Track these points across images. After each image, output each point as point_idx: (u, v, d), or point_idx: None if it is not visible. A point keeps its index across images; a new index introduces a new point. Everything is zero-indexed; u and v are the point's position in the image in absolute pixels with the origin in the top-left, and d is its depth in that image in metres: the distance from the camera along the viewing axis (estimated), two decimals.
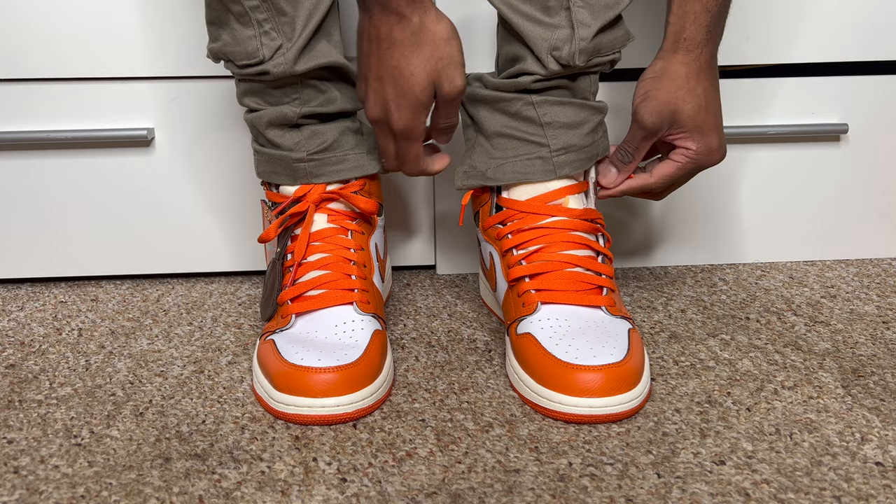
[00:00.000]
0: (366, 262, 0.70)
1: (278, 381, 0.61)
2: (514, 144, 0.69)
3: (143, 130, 0.82)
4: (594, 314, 0.66)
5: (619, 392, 0.60)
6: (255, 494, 0.54)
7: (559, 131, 0.68)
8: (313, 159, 0.68)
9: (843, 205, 0.90)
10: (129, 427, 0.62)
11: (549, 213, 0.69)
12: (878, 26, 0.85)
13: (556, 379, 0.60)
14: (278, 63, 0.64)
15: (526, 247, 0.69)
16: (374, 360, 0.63)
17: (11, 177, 0.84)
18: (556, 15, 0.65)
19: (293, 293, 0.67)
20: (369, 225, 0.72)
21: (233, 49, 0.65)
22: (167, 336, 0.77)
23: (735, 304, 0.81)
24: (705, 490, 0.53)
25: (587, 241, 0.69)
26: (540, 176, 0.69)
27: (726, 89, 0.86)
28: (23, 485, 0.55)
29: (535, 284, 0.67)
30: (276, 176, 0.70)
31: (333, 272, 0.68)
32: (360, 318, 0.66)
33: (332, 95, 0.68)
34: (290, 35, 0.64)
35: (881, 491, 0.53)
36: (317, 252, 0.68)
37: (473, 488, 0.54)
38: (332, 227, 0.69)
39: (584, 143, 0.69)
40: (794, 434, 0.59)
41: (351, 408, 0.61)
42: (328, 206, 0.70)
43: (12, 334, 0.78)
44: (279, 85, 0.66)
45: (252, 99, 0.69)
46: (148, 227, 0.87)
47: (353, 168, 0.70)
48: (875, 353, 0.71)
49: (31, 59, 0.81)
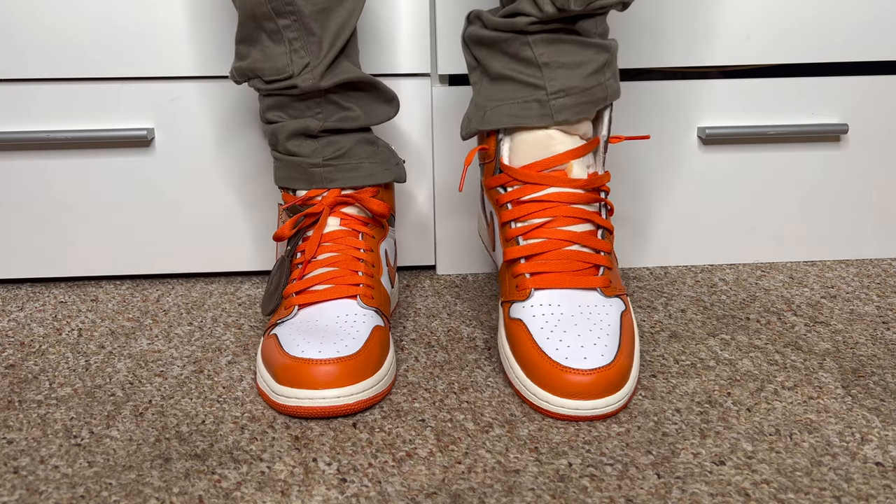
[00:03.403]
0: (374, 263, 0.71)
1: (280, 375, 0.62)
2: (512, 87, 0.67)
3: (143, 130, 0.82)
4: (588, 297, 0.66)
5: (606, 395, 0.60)
6: (255, 494, 0.54)
7: (557, 72, 0.65)
8: (329, 164, 0.71)
9: (843, 205, 0.90)
10: (129, 427, 0.62)
11: (549, 182, 0.66)
12: (878, 26, 0.85)
13: (546, 378, 0.61)
14: (306, 78, 0.67)
15: (524, 220, 0.67)
16: (373, 353, 0.63)
17: (11, 177, 0.84)
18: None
19: (299, 286, 0.68)
20: (381, 229, 0.74)
21: (262, 65, 0.68)
22: (167, 336, 0.77)
23: (735, 304, 0.81)
24: (705, 490, 0.53)
25: (588, 215, 0.67)
26: (536, 121, 0.66)
27: (726, 89, 0.86)
28: (23, 485, 0.55)
29: (531, 267, 0.66)
30: (292, 181, 0.72)
31: (340, 269, 0.69)
32: (363, 312, 0.66)
33: (354, 113, 0.71)
34: (317, 54, 0.67)
35: (881, 491, 0.53)
36: (327, 251, 0.70)
37: (473, 488, 0.54)
38: (344, 229, 0.71)
39: (586, 85, 0.66)
40: (794, 434, 0.59)
41: (351, 399, 0.61)
42: (342, 210, 0.71)
43: (12, 334, 0.78)
44: (304, 98, 0.69)
45: (276, 113, 0.71)
46: (148, 227, 0.87)
47: (366, 176, 0.72)
48: (875, 354, 0.71)
49: (32, 59, 0.81)
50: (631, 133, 0.86)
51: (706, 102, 0.86)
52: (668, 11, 0.83)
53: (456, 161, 0.86)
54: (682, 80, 0.86)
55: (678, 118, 0.86)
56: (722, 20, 0.84)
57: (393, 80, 0.84)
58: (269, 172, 0.86)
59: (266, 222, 0.88)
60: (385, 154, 0.73)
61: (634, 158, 0.87)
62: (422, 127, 0.86)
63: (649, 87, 0.85)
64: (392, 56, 0.83)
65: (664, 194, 0.89)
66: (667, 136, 0.87)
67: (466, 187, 0.87)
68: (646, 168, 0.88)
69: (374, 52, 0.83)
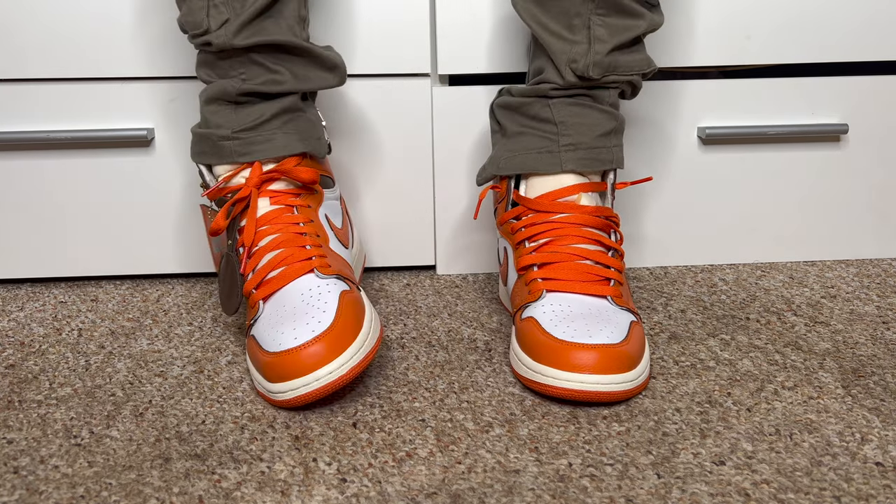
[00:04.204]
0: (318, 232, 0.70)
1: (269, 373, 0.62)
2: (528, 140, 0.72)
3: (143, 130, 0.82)
4: (599, 303, 0.67)
5: (612, 372, 0.61)
6: (255, 494, 0.54)
7: (570, 129, 0.71)
8: (238, 137, 0.69)
9: (843, 205, 0.90)
10: (129, 427, 0.62)
11: (560, 209, 0.70)
12: (878, 26, 0.85)
13: (552, 355, 0.62)
14: (219, 34, 0.67)
15: (537, 239, 0.71)
16: (348, 319, 0.62)
17: (11, 177, 0.84)
18: (579, 33, 0.69)
19: (255, 281, 0.67)
20: (315, 195, 0.72)
21: (186, 18, 0.68)
22: (167, 336, 0.77)
23: (735, 304, 0.81)
24: (705, 490, 0.53)
25: (598, 237, 0.70)
26: (545, 168, 0.71)
27: (727, 89, 0.86)
28: (23, 485, 0.55)
29: (543, 273, 0.69)
30: (204, 156, 0.70)
31: (287, 249, 0.68)
32: (325, 282, 0.65)
33: (281, 77, 0.69)
34: (239, 11, 0.66)
35: (881, 491, 0.53)
36: (266, 235, 0.68)
37: (473, 488, 0.54)
38: (277, 207, 0.69)
39: (594, 144, 0.72)
40: (794, 434, 0.59)
41: (344, 369, 0.60)
42: (268, 188, 0.70)
43: (12, 334, 0.78)
44: (224, 57, 0.68)
45: (204, 70, 0.70)
46: (148, 227, 0.87)
47: (280, 147, 0.70)
48: (875, 354, 0.71)
49: (31, 59, 0.81)
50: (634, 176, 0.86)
51: (706, 102, 0.86)
52: (668, 11, 0.83)
53: (456, 161, 0.87)
54: (682, 80, 0.86)
55: (678, 118, 0.86)
56: (722, 20, 0.84)
57: (393, 80, 0.84)
58: None
59: None
60: (306, 125, 0.71)
61: (635, 158, 0.88)
62: (422, 127, 0.86)
63: (649, 87, 0.85)
64: (392, 56, 0.83)
65: (664, 194, 0.89)
66: (667, 136, 0.87)
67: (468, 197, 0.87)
68: (646, 168, 0.88)
69: (374, 52, 0.83)
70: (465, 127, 0.85)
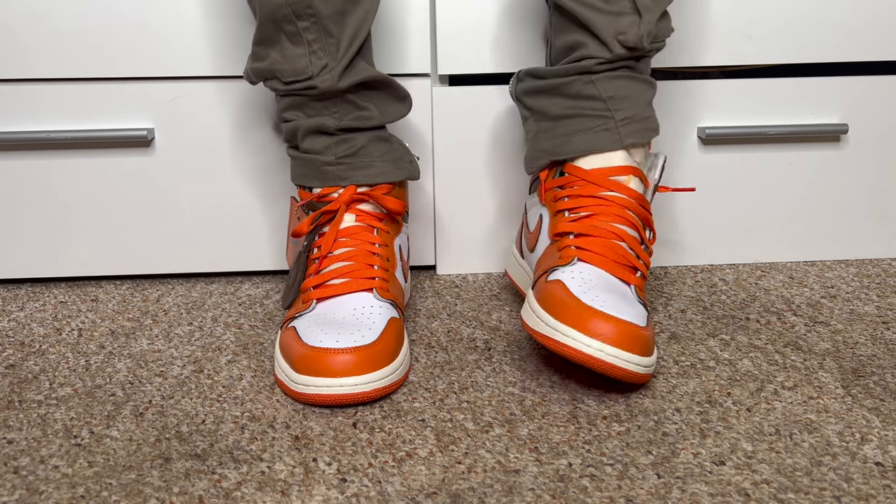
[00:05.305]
0: (389, 257, 0.73)
1: (299, 364, 0.63)
2: (578, 121, 0.72)
3: (143, 130, 0.82)
4: (623, 287, 0.67)
5: (632, 351, 0.61)
6: (255, 494, 0.54)
7: (622, 103, 0.71)
8: (342, 163, 0.72)
9: (843, 205, 0.90)
10: (129, 427, 0.62)
11: (610, 186, 0.70)
12: (878, 26, 0.85)
13: (575, 317, 0.61)
14: (325, 79, 0.69)
15: (578, 211, 0.71)
16: (390, 344, 0.65)
17: (11, 177, 0.84)
18: (617, 3, 0.69)
19: (317, 281, 0.70)
20: (395, 225, 0.75)
21: (281, 67, 0.70)
22: (167, 336, 0.77)
23: (735, 304, 0.81)
24: (705, 490, 0.53)
25: (637, 224, 0.70)
26: (608, 145, 0.71)
27: (727, 89, 0.86)
28: (23, 485, 0.55)
29: (577, 242, 0.69)
30: (307, 179, 0.74)
31: (356, 263, 0.70)
32: (379, 304, 0.68)
33: (370, 113, 0.72)
34: (335, 55, 0.69)
35: (881, 491, 0.53)
36: (343, 247, 0.71)
37: (473, 488, 0.54)
38: (360, 225, 0.72)
39: (645, 114, 0.72)
40: (794, 434, 0.59)
41: (368, 387, 0.62)
42: (357, 206, 0.73)
43: (12, 334, 0.78)
44: (321, 98, 0.71)
45: (293, 112, 0.73)
46: (148, 227, 0.87)
47: (378, 174, 0.73)
48: (875, 354, 0.71)
49: (32, 59, 0.81)
50: None
51: (706, 102, 0.86)
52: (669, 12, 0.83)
53: (456, 161, 0.87)
54: (682, 80, 0.86)
55: (678, 118, 0.86)
56: (722, 20, 0.84)
57: None
58: (270, 172, 0.86)
59: (267, 222, 0.88)
60: (398, 152, 0.74)
61: None
62: (422, 127, 0.86)
63: None
64: (392, 56, 0.83)
65: (664, 194, 0.89)
66: (667, 136, 0.87)
67: (468, 197, 0.87)
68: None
69: (374, 52, 0.83)
70: (465, 127, 0.85)
